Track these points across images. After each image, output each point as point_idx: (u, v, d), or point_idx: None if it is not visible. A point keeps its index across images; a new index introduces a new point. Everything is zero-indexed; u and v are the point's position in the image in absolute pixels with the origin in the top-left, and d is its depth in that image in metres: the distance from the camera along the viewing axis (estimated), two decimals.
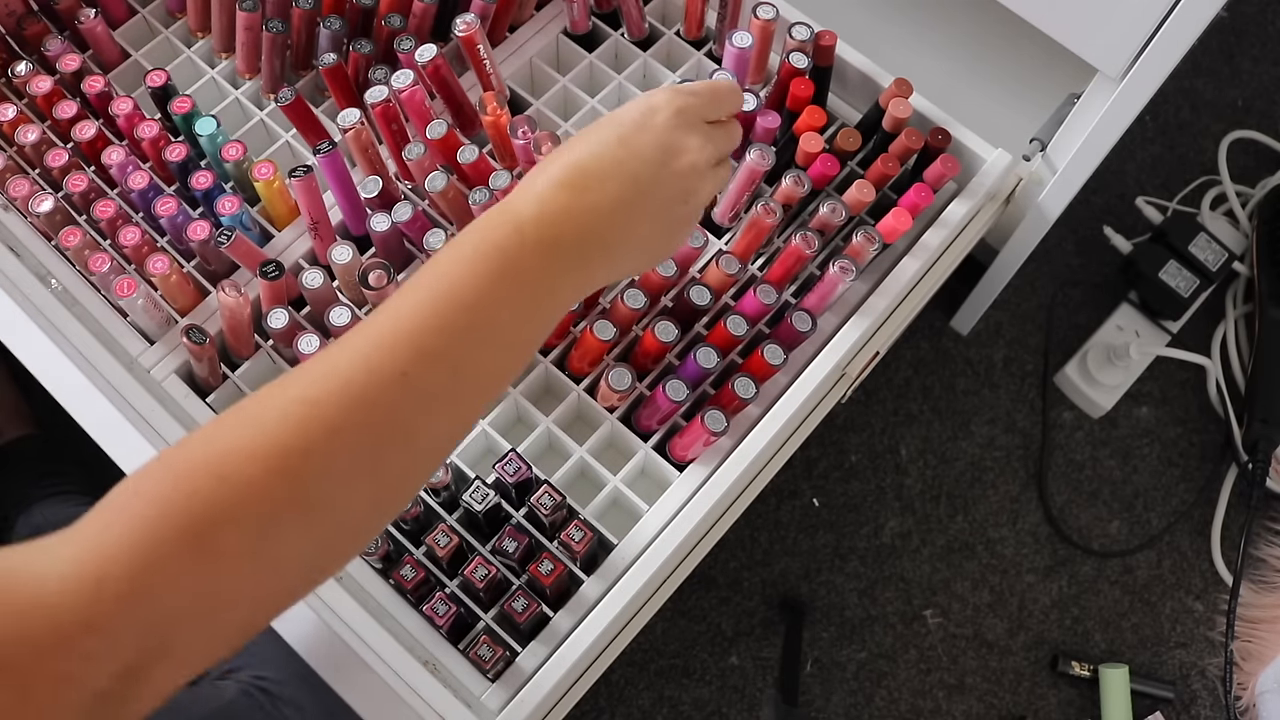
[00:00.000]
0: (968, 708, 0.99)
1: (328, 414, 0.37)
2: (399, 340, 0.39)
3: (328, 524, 0.38)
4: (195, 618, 0.36)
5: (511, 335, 0.42)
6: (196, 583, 0.35)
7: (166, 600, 0.35)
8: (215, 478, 0.36)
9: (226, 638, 0.38)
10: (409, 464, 0.40)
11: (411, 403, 0.39)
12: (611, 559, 0.65)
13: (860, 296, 0.74)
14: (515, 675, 0.62)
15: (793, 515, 1.04)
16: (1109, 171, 1.18)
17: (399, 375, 0.38)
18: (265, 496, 0.36)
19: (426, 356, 0.39)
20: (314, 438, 0.37)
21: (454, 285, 0.40)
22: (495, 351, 0.42)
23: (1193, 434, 1.08)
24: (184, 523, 0.35)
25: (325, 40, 0.76)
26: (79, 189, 0.72)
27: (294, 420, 0.37)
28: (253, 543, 0.36)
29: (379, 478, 0.39)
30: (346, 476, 0.38)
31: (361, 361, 0.39)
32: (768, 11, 0.75)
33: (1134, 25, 0.67)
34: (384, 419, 0.38)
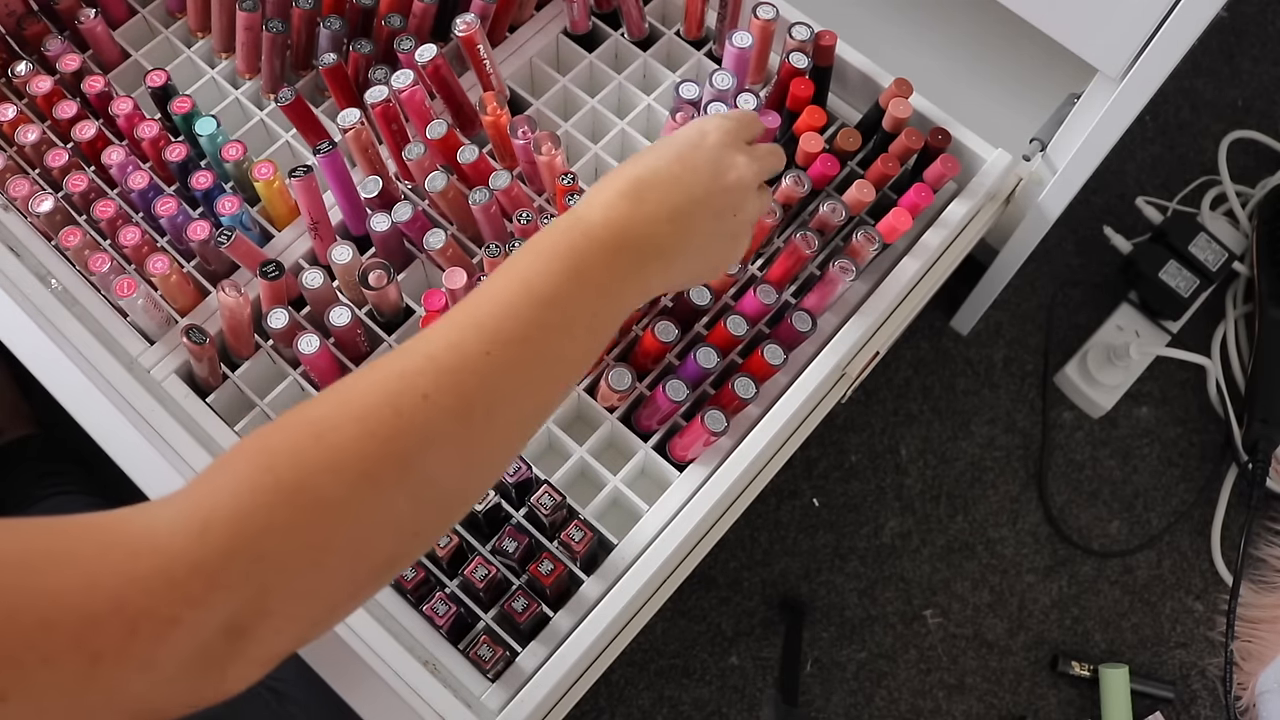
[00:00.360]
0: (968, 708, 0.99)
1: (418, 383, 0.40)
2: (482, 325, 0.43)
3: (420, 486, 0.40)
4: (295, 569, 0.37)
5: (580, 330, 0.46)
6: (295, 530, 0.37)
7: (267, 546, 0.36)
8: (313, 437, 0.38)
9: (325, 596, 0.39)
10: (493, 439, 0.43)
11: (494, 379, 0.42)
12: (611, 559, 0.65)
13: (860, 296, 0.74)
14: (515, 675, 0.62)
15: (793, 515, 1.04)
16: (1109, 171, 1.18)
17: (483, 354, 0.42)
18: (361, 453, 0.39)
19: (507, 339, 0.43)
20: (405, 403, 0.40)
21: (529, 281, 0.44)
22: (567, 343, 0.45)
23: (1193, 434, 1.08)
24: (284, 474, 0.37)
25: (325, 40, 0.76)
26: (79, 189, 0.72)
27: (388, 390, 0.40)
28: (348, 493, 0.38)
29: (466, 447, 0.41)
30: (436, 441, 0.40)
31: (447, 341, 0.42)
32: (768, 11, 0.75)
33: (1134, 25, 0.67)
34: (470, 390, 0.41)
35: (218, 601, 0.36)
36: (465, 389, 0.41)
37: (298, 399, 0.71)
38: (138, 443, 0.66)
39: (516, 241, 0.68)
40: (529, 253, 0.46)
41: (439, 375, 0.41)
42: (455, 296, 0.65)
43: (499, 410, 0.43)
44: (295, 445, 0.38)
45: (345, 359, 0.71)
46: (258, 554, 0.36)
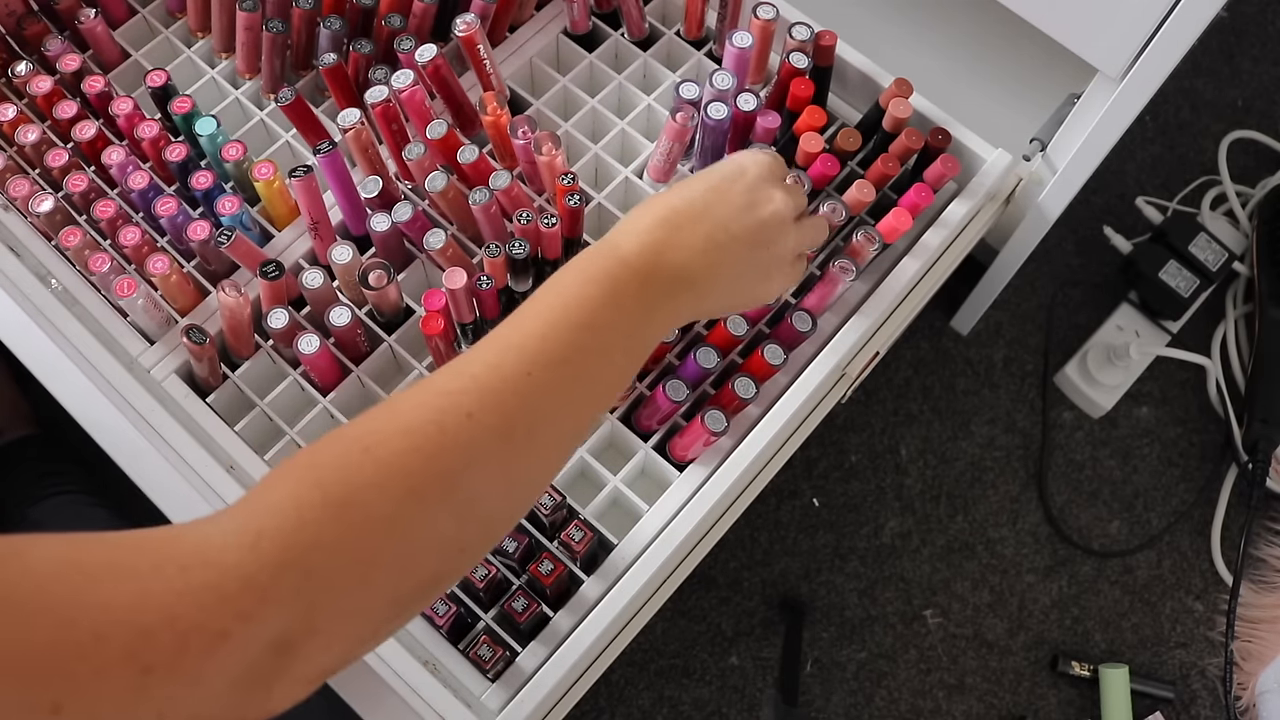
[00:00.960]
0: (968, 708, 0.99)
1: (462, 401, 0.42)
2: (525, 346, 0.44)
3: (464, 503, 0.41)
4: (342, 585, 0.38)
5: (616, 354, 0.48)
6: (343, 546, 0.38)
7: (316, 561, 0.37)
8: (361, 451, 0.39)
9: (371, 613, 0.40)
10: (534, 458, 0.44)
11: (535, 399, 0.43)
12: (611, 559, 0.65)
13: (860, 296, 0.74)
14: (515, 675, 0.62)
15: (793, 515, 1.04)
16: (1109, 171, 1.18)
17: (524, 375, 0.43)
18: (406, 469, 0.40)
19: (547, 361, 0.44)
20: (449, 421, 0.41)
21: (568, 305, 0.46)
22: (603, 365, 0.47)
23: (1193, 434, 1.08)
24: (331, 490, 0.38)
25: (325, 40, 0.76)
26: (79, 189, 0.72)
27: (432, 408, 0.41)
28: (394, 509, 0.39)
29: (508, 465, 0.43)
30: (480, 458, 0.41)
31: (488, 363, 0.44)
32: (768, 11, 0.75)
33: (1134, 25, 0.67)
34: (512, 410, 0.43)
35: (268, 616, 0.36)
36: (507, 409, 0.42)
37: (298, 399, 0.71)
38: (138, 442, 0.66)
39: (516, 241, 0.68)
40: (566, 276, 0.47)
41: (482, 395, 0.42)
42: (455, 297, 0.65)
43: (539, 430, 0.44)
44: (342, 461, 0.39)
45: (345, 359, 0.71)
46: (307, 569, 0.37)
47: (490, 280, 0.67)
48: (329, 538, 0.38)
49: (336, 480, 0.39)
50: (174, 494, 0.65)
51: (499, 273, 0.68)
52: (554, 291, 0.47)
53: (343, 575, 0.38)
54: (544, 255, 0.70)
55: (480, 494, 0.42)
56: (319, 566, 0.37)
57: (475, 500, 0.42)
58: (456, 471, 0.41)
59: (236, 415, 0.70)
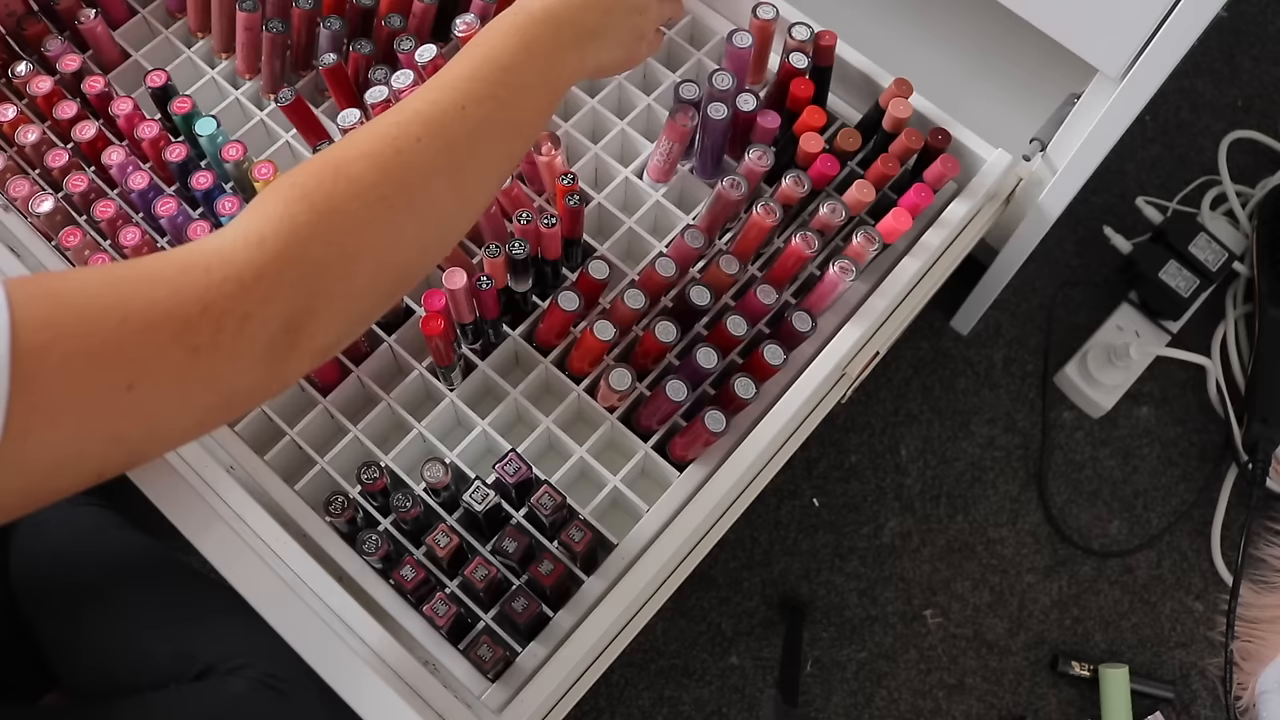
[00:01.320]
0: (968, 708, 0.99)
1: (411, 129, 0.51)
2: (456, 86, 0.53)
3: (422, 211, 0.51)
4: (334, 274, 0.47)
5: (534, 94, 0.56)
6: (331, 242, 0.47)
7: (313, 254, 0.46)
8: (334, 172, 0.48)
9: (358, 298, 0.49)
10: (474, 173, 0.54)
11: (471, 126, 0.52)
12: (611, 559, 0.65)
13: (860, 296, 0.74)
14: (515, 675, 0.62)
15: (793, 515, 1.04)
16: (1109, 171, 1.18)
17: (459, 108, 0.52)
18: (375, 183, 0.49)
19: (477, 97, 0.53)
20: (403, 145, 0.50)
21: (489, 54, 0.55)
22: (523, 102, 0.56)
23: (1193, 434, 1.08)
24: (316, 200, 0.47)
25: (325, 40, 0.76)
26: (79, 189, 0.72)
27: (387, 137, 0.50)
28: (369, 213, 0.48)
29: (455, 180, 0.52)
30: (432, 174, 0.51)
31: (430, 99, 0.52)
32: (768, 11, 0.75)
33: (1134, 25, 0.67)
34: (454, 135, 0.52)
35: (280, 299, 0.45)
36: (450, 134, 0.52)
37: (298, 399, 0.71)
38: None
39: (516, 241, 0.68)
40: (486, 34, 0.56)
41: (427, 124, 0.51)
42: (455, 297, 0.65)
43: (478, 151, 0.53)
44: (319, 180, 0.48)
45: (345, 359, 0.71)
46: (305, 262, 0.46)
47: (490, 280, 0.67)
48: (319, 237, 0.46)
49: (318, 193, 0.47)
50: (173, 494, 0.65)
51: (499, 273, 0.68)
52: (478, 46, 0.55)
53: (333, 267, 0.47)
54: (544, 255, 0.70)
55: (435, 202, 0.51)
56: (314, 259, 0.46)
57: (431, 207, 0.51)
58: (414, 184, 0.50)
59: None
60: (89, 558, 0.77)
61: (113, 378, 0.41)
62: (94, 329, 0.41)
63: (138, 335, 0.42)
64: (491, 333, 0.71)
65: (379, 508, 0.67)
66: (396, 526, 0.66)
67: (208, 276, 0.44)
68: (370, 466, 0.64)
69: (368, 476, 0.64)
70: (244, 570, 0.62)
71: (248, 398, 0.47)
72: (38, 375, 0.39)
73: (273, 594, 0.62)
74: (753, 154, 0.71)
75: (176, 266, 0.44)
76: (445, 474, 0.63)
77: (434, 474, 0.63)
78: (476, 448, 0.71)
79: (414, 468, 0.68)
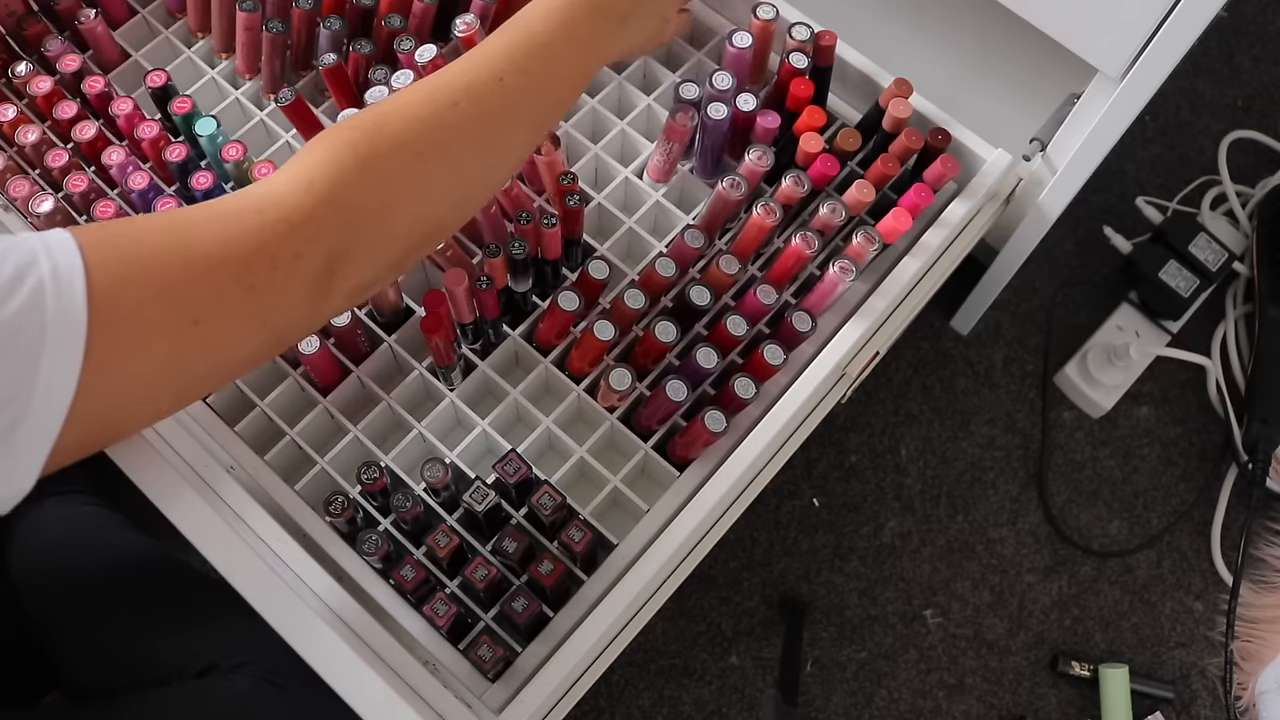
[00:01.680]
0: (968, 708, 0.99)
1: (448, 95, 0.54)
2: (494, 60, 0.56)
3: (456, 167, 0.54)
4: (372, 220, 0.51)
5: (569, 72, 0.60)
6: (372, 189, 0.50)
7: (354, 199, 0.50)
8: (375, 127, 0.52)
9: (392, 244, 0.53)
10: (505, 140, 0.57)
11: (506, 98, 0.56)
12: (611, 559, 0.65)
13: (860, 296, 0.74)
14: (515, 675, 0.62)
15: (793, 515, 1.04)
16: (1109, 171, 1.18)
17: (496, 79, 0.56)
18: (413, 139, 0.52)
19: (515, 70, 0.56)
20: (440, 106, 0.54)
21: (529, 30, 0.58)
22: (559, 79, 0.59)
23: (1193, 434, 1.08)
24: (361, 150, 0.50)
25: (325, 40, 0.76)
26: (79, 189, 0.72)
27: (425, 99, 0.54)
28: (405, 168, 0.52)
29: (488, 143, 0.56)
30: (465, 135, 0.54)
31: (468, 70, 0.56)
32: (767, 11, 0.75)
33: (1134, 25, 0.67)
34: (489, 103, 0.55)
35: (325, 239, 0.49)
36: (486, 103, 0.55)
37: (298, 399, 0.71)
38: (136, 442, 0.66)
39: (516, 241, 0.68)
40: (529, 11, 0.59)
41: (466, 90, 0.55)
42: (455, 297, 0.66)
43: (511, 120, 0.56)
44: (366, 132, 0.51)
45: (345, 359, 0.71)
46: (347, 207, 0.49)
47: (490, 280, 0.67)
48: (361, 185, 0.50)
49: (363, 144, 0.51)
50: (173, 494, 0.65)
51: (499, 273, 0.68)
52: (520, 21, 0.58)
53: (371, 214, 0.51)
54: (544, 255, 0.70)
55: (466, 163, 0.55)
56: (356, 206, 0.50)
57: (462, 167, 0.55)
58: (449, 143, 0.53)
59: (236, 415, 0.70)
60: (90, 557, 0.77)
61: (181, 314, 0.45)
62: (163, 271, 0.45)
63: (203, 275, 0.46)
64: (491, 333, 0.71)
65: (379, 508, 0.67)
66: (396, 526, 0.66)
67: (260, 218, 0.47)
68: (370, 466, 0.64)
69: (368, 476, 0.64)
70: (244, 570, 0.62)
71: (295, 330, 0.51)
72: (114, 314, 0.43)
73: (273, 594, 0.62)
74: (753, 154, 0.71)
75: (232, 211, 0.48)
76: (445, 474, 0.63)
77: (434, 474, 0.63)
78: (476, 448, 0.71)
79: (414, 468, 0.68)
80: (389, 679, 0.60)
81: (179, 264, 0.45)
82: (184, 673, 0.68)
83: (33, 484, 0.45)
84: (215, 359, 0.48)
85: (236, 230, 0.47)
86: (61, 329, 0.42)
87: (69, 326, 0.42)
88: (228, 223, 0.47)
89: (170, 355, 0.46)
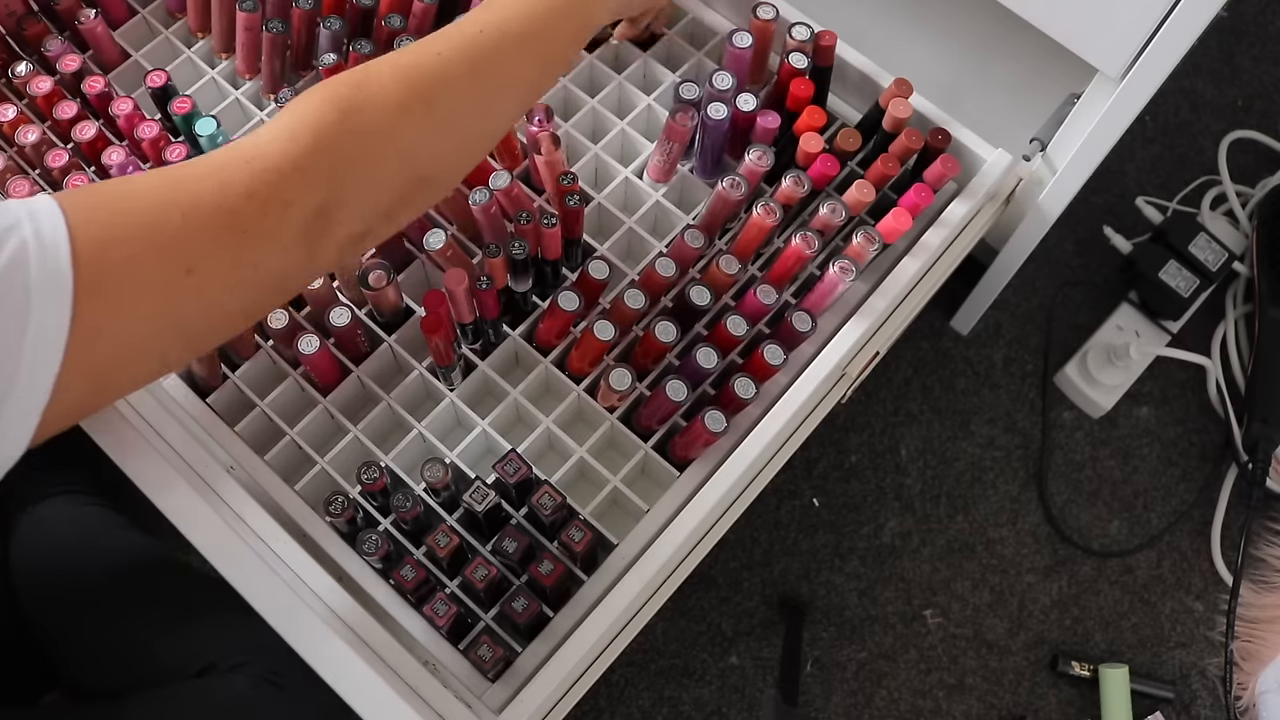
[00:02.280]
0: (968, 708, 0.99)
1: (434, 46, 0.55)
2: (478, 14, 0.57)
3: (441, 121, 0.54)
4: (361, 169, 0.51)
5: (561, 30, 0.60)
6: (357, 140, 0.51)
7: (341, 149, 0.50)
8: (359, 83, 0.52)
9: (381, 194, 0.53)
10: (495, 94, 0.57)
11: (492, 49, 0.56)
12: (611, 559, 0.65)
13: (860, 296, 0.74)
14: (515, 675, 0.62)
15: (793, 515, 1.04)
16: (1109, 171, 1.18)
17: (478, 32, 0.56)
18: (398, 93, 0.53)
19: (498, 31, 0.56)
20: (424, 61, 0.54)
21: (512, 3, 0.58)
22: (552, 38, 0.59)
23: (1193, 434, 1.08)
24: (345, 104, 0.51)
25: (325, 40, 0.76)
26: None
27: (414, 53, 0.54)
28: (389, 120, 0.52)
29: (476, 95, 0.56)
30: (451, 86, 0.54)
31: (456, 26, 0.56)
32: (767, 11, 0.75)
33: (1134, 25, 0.67)
34: (476, 56, 0.55)
35: (314, 186, 0.49)
36: (470, 55, 0.55)
37: (298, 399, 0.71)
38: (137, 443, 0.66)
39: (516, 241, 0.68)
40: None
41: (450, 44, 0.55)
42: (455, 296, 0.66)
43: (500, 73, 0.56)
44: (351, 86, 0.52)
45: (345, 359, 0.71)
46: (335, 154, 0.50)
47: (490, 280, 0.67)
48: (346, 135, 0.50)
49: (347, 98, 0.51)
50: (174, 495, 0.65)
51: (499, 273, 0.68)
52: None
53: (358, 164, 0.51)
54: (544, 255, 0.70)
55: (453, 114, 0.55)
56: (343, 154, 0.50)
57: (450, 119, 0.55)
58: (435, 95, 0.54)
59: (236, 415, 0.70)
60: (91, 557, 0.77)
61: (174, 266, 0.45)
62: (155, 226, 0.45)
63: (196, 225, 0.46)
64: (491, 333, 0.71)
65: (379, 508, 0.67)
66: (396, 526, 0.66)
67: (249, 167, 0.48)
68: (370, 466, 0.64)
69: (368, 476, 0.64)
70: (244, 570, 0.62)
71: (289, 279, 0.51)
72: (103, 277, 0.43)
73: (273, 594, 0.62)
74: (753, 154, 0.71)
75: (217, 164, 0.48)
76: (445, 474, 0.63)
77: (434, 474, 0.63)
78: (476, 448, 0.71)
79: (414, 468, 0.68)
80: (389, 679, 0.60)
81: (174, 216, 0.45)
82: (183, 672, 0.68)
83: (22, 452, 0.45)
84: (210, 311, 0.48)
85: (226, 181, 0.47)
86: (47, 292, 0.42)
87: (55, 290, 0.42)
88: (216, 175, 0.47)
89: (163, 310, 0.46)
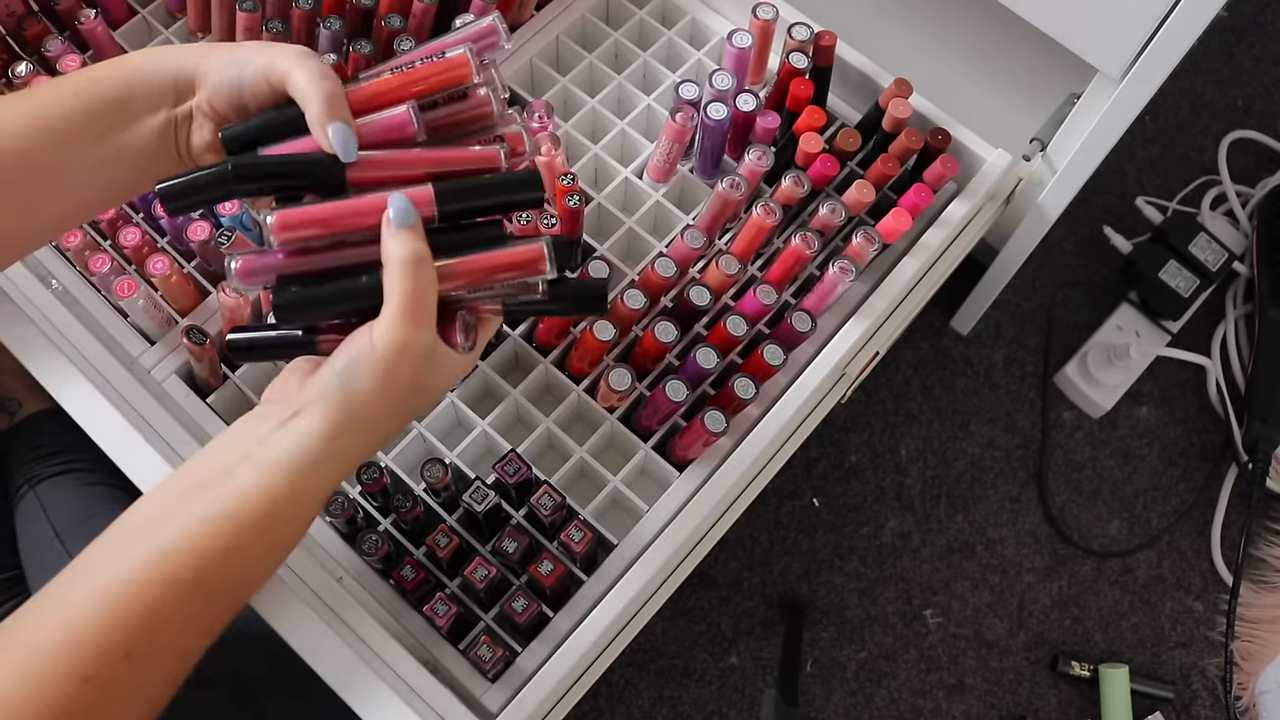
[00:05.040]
0: (968, 708, 0.99)
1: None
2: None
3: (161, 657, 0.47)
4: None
5: (294, 526, 0.49)
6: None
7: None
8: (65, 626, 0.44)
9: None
10: (213, 609, 0.48)
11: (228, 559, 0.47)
12: (611, 559, 0.65)
13: (860, 296, 0.74)
14: (515, 675, 0.62)
15: (793, 515, 1.04)
16: (1109, 171, 1.18)
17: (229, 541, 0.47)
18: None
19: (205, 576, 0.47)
20: (158, 589, 0.45)
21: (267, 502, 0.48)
22: (282, 527, 0.49)
23: (1193, 434, 1.09)
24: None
25: (325, 40, 0.76)
26: None
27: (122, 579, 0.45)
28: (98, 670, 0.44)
29: (199, 619, 0.47)
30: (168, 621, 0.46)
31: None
32: (767, 11, 0.75)
33: (1134, 25, 0.67)
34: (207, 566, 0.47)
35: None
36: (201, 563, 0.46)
37: None
38: (137, 443, 0.66)
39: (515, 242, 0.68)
40: (253, 475, 0.49)
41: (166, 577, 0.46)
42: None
43: (227, 586, 0.47)
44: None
45: None
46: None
47: None
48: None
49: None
50: None
51: None
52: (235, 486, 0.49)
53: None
54: None
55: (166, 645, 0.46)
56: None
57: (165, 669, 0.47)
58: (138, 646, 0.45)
59: (236, 416, 0.69)
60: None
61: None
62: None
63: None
64: None
65: (379, 508, 0.67)
66: (396, 526, 0.66)
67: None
68: (370, 466, 0.64)
69: (368, 476, 0.64)
70: None
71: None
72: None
73: (272, 594, 0.62)
74: (753, 154, 0.71)
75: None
76: (445, 474, 0.63)
77: (434, 474, 0.63)
78: (476, 448, 0.71)
79: (414, 468, 0.68)
80: (389, 679, 0.60)
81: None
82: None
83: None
84: None
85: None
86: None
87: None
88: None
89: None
